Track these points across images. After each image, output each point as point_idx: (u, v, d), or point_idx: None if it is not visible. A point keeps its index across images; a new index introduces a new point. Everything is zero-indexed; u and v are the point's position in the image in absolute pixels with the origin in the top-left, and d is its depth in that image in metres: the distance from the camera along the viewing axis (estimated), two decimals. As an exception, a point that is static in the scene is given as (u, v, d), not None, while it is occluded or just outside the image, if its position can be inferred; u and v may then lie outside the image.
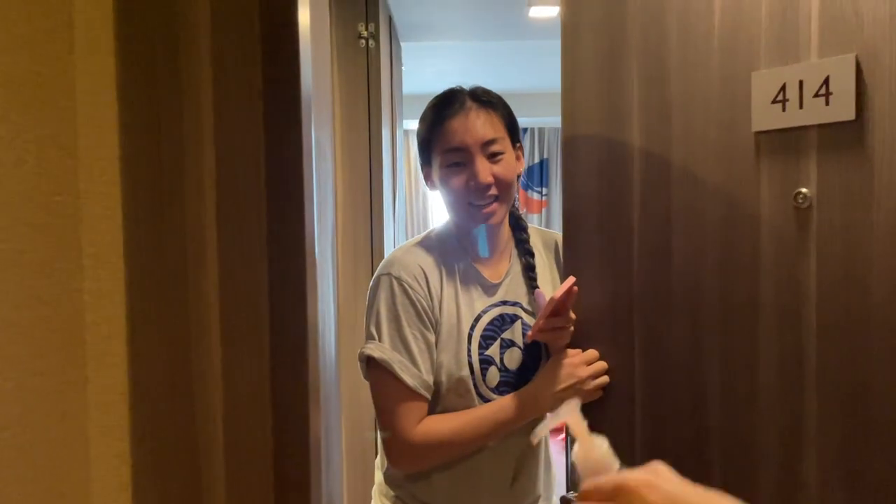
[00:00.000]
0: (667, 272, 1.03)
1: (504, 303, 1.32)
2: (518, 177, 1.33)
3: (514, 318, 1.32)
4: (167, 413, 0.68)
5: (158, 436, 0.69)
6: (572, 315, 1.17)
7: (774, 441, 0.93)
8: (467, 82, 1.38)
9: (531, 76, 4.98)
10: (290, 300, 0.67)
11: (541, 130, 7.04)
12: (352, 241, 2.17)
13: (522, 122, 7.09)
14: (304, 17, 0.69)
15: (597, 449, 0.71)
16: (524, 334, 1.32)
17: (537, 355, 1.32)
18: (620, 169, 1.09)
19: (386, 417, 1.25)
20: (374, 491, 1.42)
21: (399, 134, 2.97)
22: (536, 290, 1.28)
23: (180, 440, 0.68)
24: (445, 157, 1.26)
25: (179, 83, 0.65)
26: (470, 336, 1.27)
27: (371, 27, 2.13)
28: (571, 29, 1.15)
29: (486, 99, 1.29)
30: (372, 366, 1.25)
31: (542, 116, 5.66)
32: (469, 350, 1.27)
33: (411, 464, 1.29)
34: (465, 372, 1.26)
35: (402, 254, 1.32)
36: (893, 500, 0.83)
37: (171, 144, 0.64)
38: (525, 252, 1.37)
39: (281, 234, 0.66)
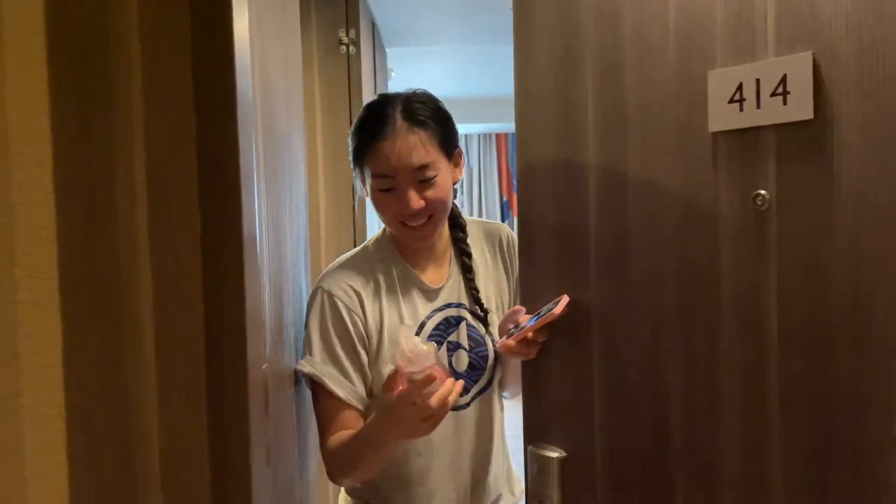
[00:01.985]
0: (625, 278, 1.01)
1: (447, 306, 1.33)
2: (454, 184, 1.32)
3: (458, 321, 1.33)
4: (104, 425, 0.67)
5: (96, 448, 0.68)
6: None
7: (737, 449, 0.91)
8: (458, 87, 1.38)
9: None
10: (227, 304, 0.66)
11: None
12: (335, 244, 2.16)
13: (511, 126, 7.14)
14: (240, 25, 0.68)
15: (416, 344, 0.97)
16: (469, 336, 1.32)
17: (484, 355, 1.33)
18: (576, 173, 1.07)
19: (320, 429, 1.27)
20: (340, 497, 1.43)
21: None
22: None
23: (117, 452, 0.67)
24: (376, 180, 1.26)
25: (110, 91, 0.64)
26: None
27: (352, 33, 2.12)
28: (524, 32, 1.13)
29: (419, 117, 1.25)
30: (309, 382, 1.27)
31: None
32: None
33: (332, 475, 1.28)
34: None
35: (337, 268, 1.32)
36: None
37: (103, 153, 0.64)
38: (461, 253, 1.37)
39: (216, 239, 0.65)
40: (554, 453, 1.10)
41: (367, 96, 2.25)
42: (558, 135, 1.10)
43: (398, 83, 3.96)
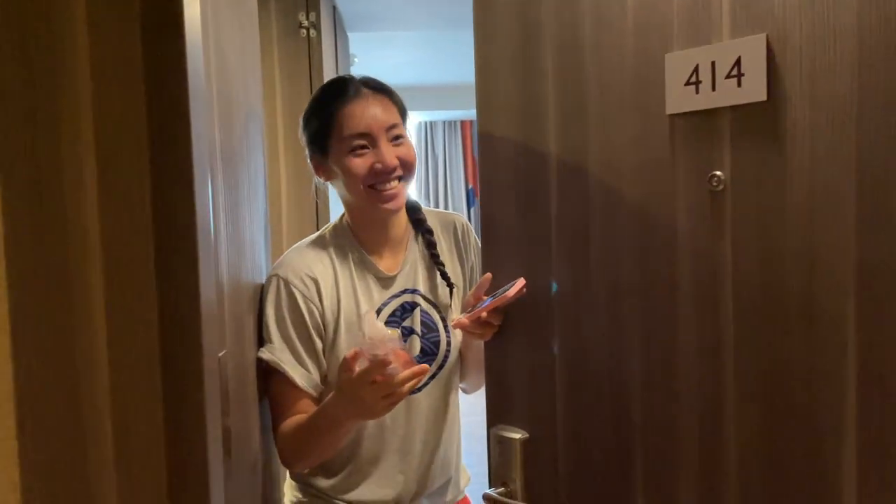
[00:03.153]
0: (585, 260, 1.02)
1: (403, 292, 1.34)
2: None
3: (413, 307, 1.34)
4: (54, 411, 0.65)
5: (46, 434, 0.66)
6: None
7: (694, 427, 0.93)
8: (423, 74, 1.40)
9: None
10: (181, 291, 0.64)
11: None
12: (297, 230, 2.14)
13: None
14: (192, 11, 0.66)
15: (380, 329, 1.02)
16: (422, 321, 1.34)
17: (436, 341, 1.34)
18: (537, 157, 1.07)
19: (274, 415, 1.28)
20: (286, 484, 1.43)
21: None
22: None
23: (68, 437, 0.65)
24: (347, 142, 1.26)
25: (56, 78, 0.61)
26: None
27: (312, 16, 2.09)
28: (484, 13, 1.13)
29: (378, 86, 1.32)
30: (267, 369, 1.26)
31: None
32: None
33: (286, 459, 1.29)
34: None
35: (293, 254, 1.32)
36: (811, 484, 0.83)
37: (49, 141, 0.61)
38: (424, 231, 1.38)
39: (169, 226, 0.64)
40: (516, 435, 1.11)
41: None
42: (519, 116, 1.10)
43: (361, 69, 3.92)
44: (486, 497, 1.12)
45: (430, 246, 1.37)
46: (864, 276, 0.79)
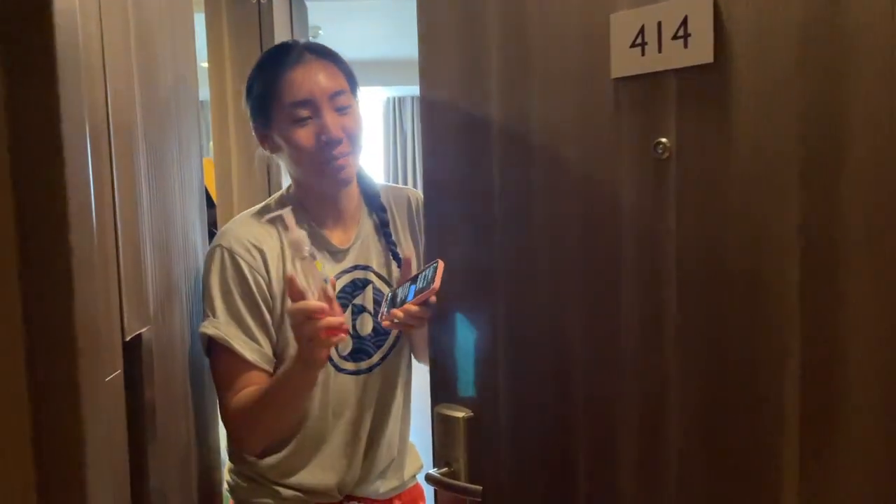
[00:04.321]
0: (528, 232, 0.99)
1: (355, 268, 1.28)
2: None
3: (365, 283, 1.28)
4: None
5: None
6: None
7: (637, 403, 0.90)
8: (391, 48, 1.33)
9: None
10: (49, 291, 0.58)
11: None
12: (248, 201, 2.07)
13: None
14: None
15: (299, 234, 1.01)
16: (375, 299, 1.28)
17: None
18: (480, 126, 1.02)
19: (221, 393, 1.20)
20: (226, 468, 1.37)
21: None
22: (404, 259, 1.22)
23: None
24: (289, 112, 1.18)
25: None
26: None
27: (263, -19, 2.00)
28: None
29: (324, 51, 1.24)
30: (212, 345, 1.19)
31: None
32: None
33: (239, 438, 1.23)
34: None
35: (237, 224, 1.24)
36: (752, 461, 0.81)
37: None
38: (377, 208, 1.32)
39: (33, 218, 0.57)
40: (460, 413, 1.07)
41: None
42: (462, 81, 1.05)
43: (326, 42, 3.81)
44: (428, 478, 1.08)
45: (384, 224, 1.31)
46: (806, 244, 0.76)
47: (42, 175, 0.57)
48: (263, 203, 1.31)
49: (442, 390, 1.11)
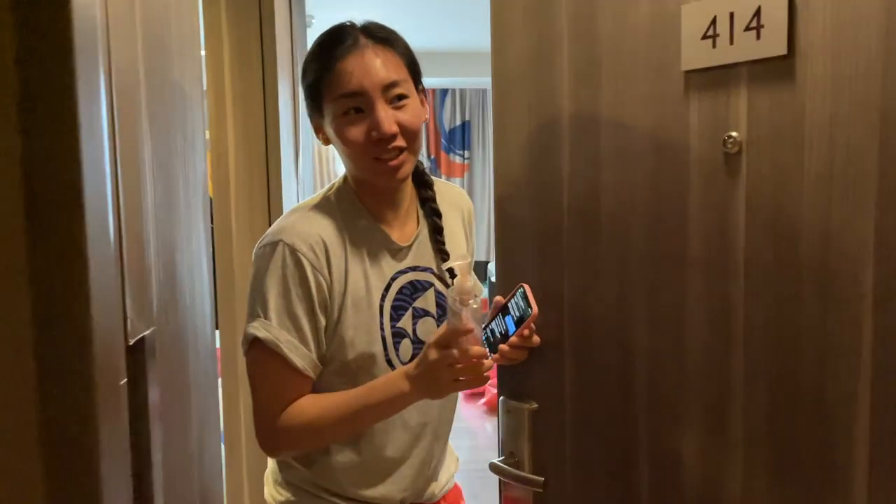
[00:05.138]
0: (597, 226, 0.95)
1: (415, 268, 1.16)
2: (424, 124, 1.15)
3: (426, 286, 1.17)
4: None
5: None
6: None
7: (700, 401, 0.87)
8: None
9: (452, 34, 4.79)
10: (59, 285, 0.50)
11: (462, 92, 6.88)
12: (246, 194, 1.97)
13: (444, 82, 6.91)
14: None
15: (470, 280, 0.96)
16: (438, 303, 1.18)
17: None
18: (549, 119, 0.98)
19: (262, 398, 1.10)
20: (267, 477, 1.26)
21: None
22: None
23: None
24: (340, 103, 1.07)
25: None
26: (381, 307, 1.12)
27: (263, -36, 1.90)
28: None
29: (382, 35, 1.09)
30: (257, 346, 1.08)
31: (463, 76, 5.47)
32: (381, 323, 1.12)
33: (275, 447, 1.13)
34: (378, 347, 1.11)
35: (298, 219, 1.11)
36: (818, 459, 0.78)
37: None
38: (431, 212, 1.20)
39: (45, 211, 0.49)
40: (526, 405, 1.06)
41: (283, 39, 2.04)
42: (532, 73, 1.00)
43: (317, 32, 3.71)
44: (492, 467, 1.07)
45: (437, 231, 1.19)
46: (882, 250, 0.72)
47: (58, 167, 0.50)
48: (320, 194, 1.18)
49: (508, 383, 1.09)
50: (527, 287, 0.99)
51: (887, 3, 0.70)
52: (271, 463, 1.26)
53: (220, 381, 1.83)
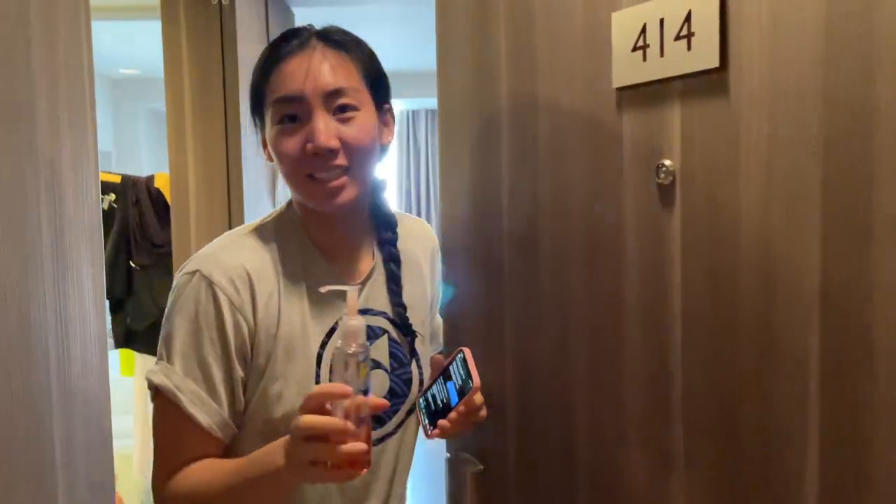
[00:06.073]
0: (535, 267, 0.90)
1: (366, 311, 0.98)
2: (382, 148, 0.96)
3: (379, 333, 0.99)
4: None
5: None
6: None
7: (643, 466, 0.80)
8: (404, 58, 1.12)
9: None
10: None
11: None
12: (207, 215, 1.92)
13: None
14: None
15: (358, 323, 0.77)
16: (392, 354, 0.99)
17: (407, 378, 1.00)
18: (492, 137, 0.93)
19: (158, 454, 0.95)
20: None
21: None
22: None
23: None
24: (276, 109, 0.91)
25: None
26: (320, 356, 0.93)
27: (224, -17, 1.87)
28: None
29: (338, 38, 0.94)
30: (159, 394, 0.92)
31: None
32: (318, 375, 0.93)
33: None
34: None
35: (223, 247, 0.95)
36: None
37: None
38: (390, 257, 1.02)
39: None
40: (470, 467, 1.02)
41: (249, 61, 2.00)
42: (476, 101, 0.96)
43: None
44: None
45: (394, 281, 1.01)
46: (828, 290, 0.63)
47: None
48: (258, 222, 1.02)
49: (454, 441, 1.06)
50: (467, 352, 0.88)
51: (827, 8, 0.63)
52: None
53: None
